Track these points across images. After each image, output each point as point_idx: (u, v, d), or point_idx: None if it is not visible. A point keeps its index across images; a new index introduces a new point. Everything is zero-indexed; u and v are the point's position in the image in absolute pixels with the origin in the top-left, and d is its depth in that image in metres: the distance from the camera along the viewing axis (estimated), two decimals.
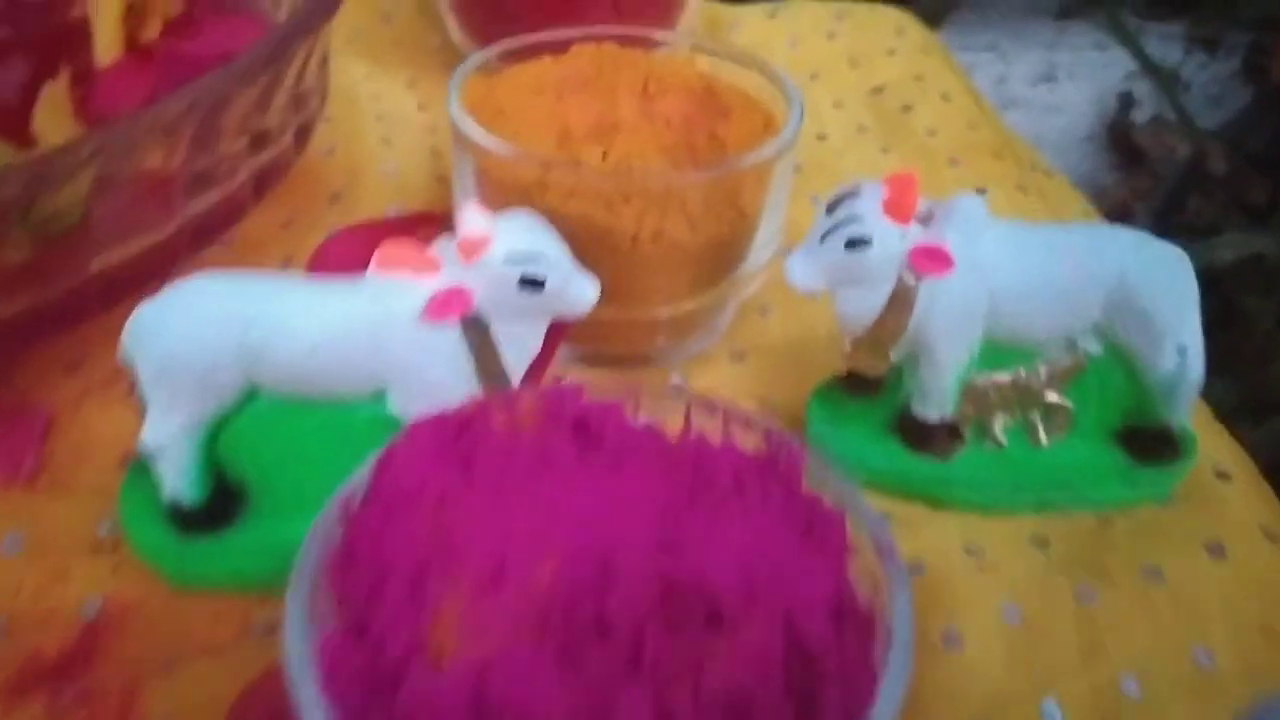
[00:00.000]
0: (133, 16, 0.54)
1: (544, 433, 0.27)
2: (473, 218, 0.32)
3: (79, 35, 0.51)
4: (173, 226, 0.42)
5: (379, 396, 0.34)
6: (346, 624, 0.24)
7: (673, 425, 0.29)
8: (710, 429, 0.29)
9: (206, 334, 0.32)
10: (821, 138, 0.61)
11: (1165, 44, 0.92)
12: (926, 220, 0.38)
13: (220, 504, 0.34)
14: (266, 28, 0.56)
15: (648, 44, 0.48)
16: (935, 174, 0.57)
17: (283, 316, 0.32)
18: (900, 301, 0.37)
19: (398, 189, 0.53)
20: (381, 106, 0.59)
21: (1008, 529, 0.39)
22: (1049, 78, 0.91)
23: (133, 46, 0.53)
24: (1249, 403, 0.77)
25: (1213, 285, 0.87)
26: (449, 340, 0.33)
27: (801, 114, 0.43)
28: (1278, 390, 0.77)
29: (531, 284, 0.33)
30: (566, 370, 0.44)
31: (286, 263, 0.48)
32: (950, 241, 0.37)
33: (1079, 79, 0.90)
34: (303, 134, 0.49)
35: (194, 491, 0.34)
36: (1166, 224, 0.87)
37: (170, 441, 0.33)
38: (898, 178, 0.37)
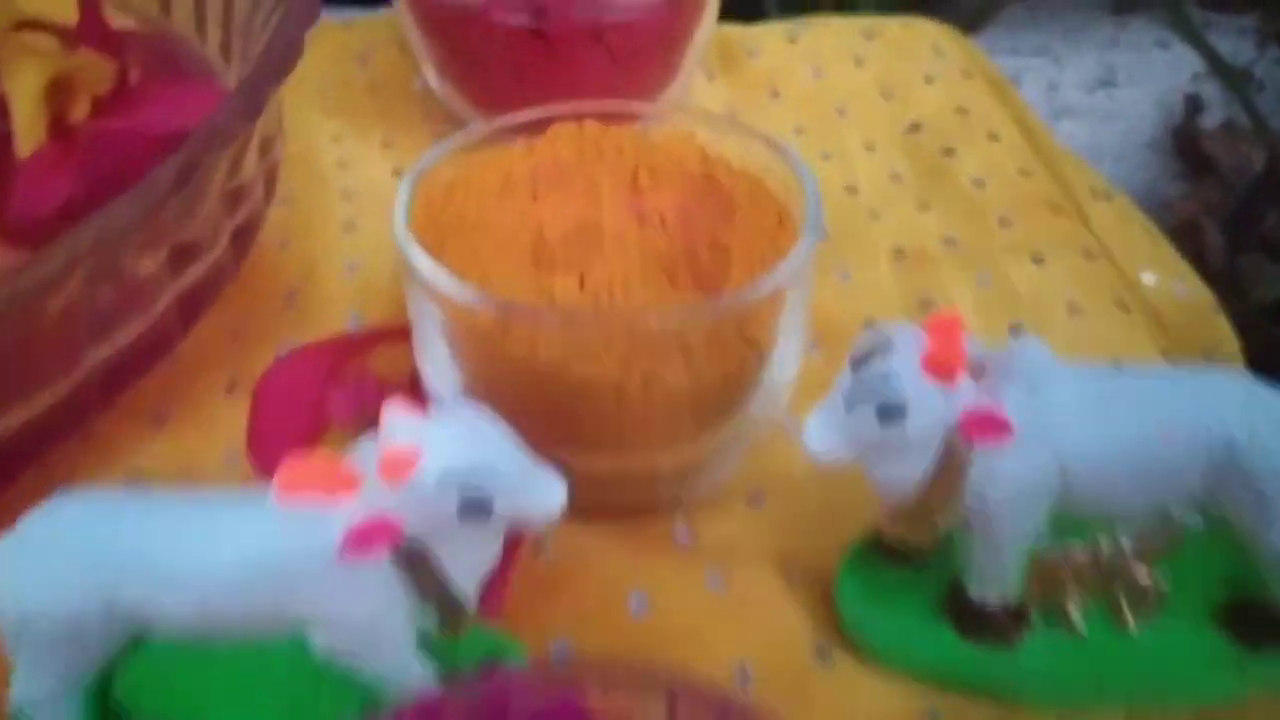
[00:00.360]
0: (57, 94, 0.48)
1: None
2: (397, 426, 0.26)
3: None
4: (76, 377, 0.35)
5: (297, 634, 0.27)
6: None
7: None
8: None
9: (69, 584, 0.26)
10: (851, 190, 0.53)
11: (1236, 40, 0.83)
12: (979, 373, 0.30)
13: None
14: (214, 93, 0.50)
15: (631, 118, 0.41)
16: (984, 237, 0.50)
17: (166, 563, 0.26)
18: (950, 474, 0.30)
19: (360, 289, 0.46)
20: (349, 179, 0.52)
21: None
22: (1106, 81, 0.83)
23: (58, 129, 0.47)
24: None
25: None
26: (376, 574, 0.26)
27: (818, 210, 0.36)
28: None
29: (475, 509, 0.26)
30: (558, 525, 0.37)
31: (231, 388, 0.42)
32: (1009, 402, 0.30)
33: (1139, 81, 0.81)
34: (243, 237, 0.42)
35: None
36: (1240, 240, 0.79)
37: (46, 700, 0.27)
38: (940, 323, 0.30)
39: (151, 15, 0.53)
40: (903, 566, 0.34)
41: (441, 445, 0.26)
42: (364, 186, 0.52)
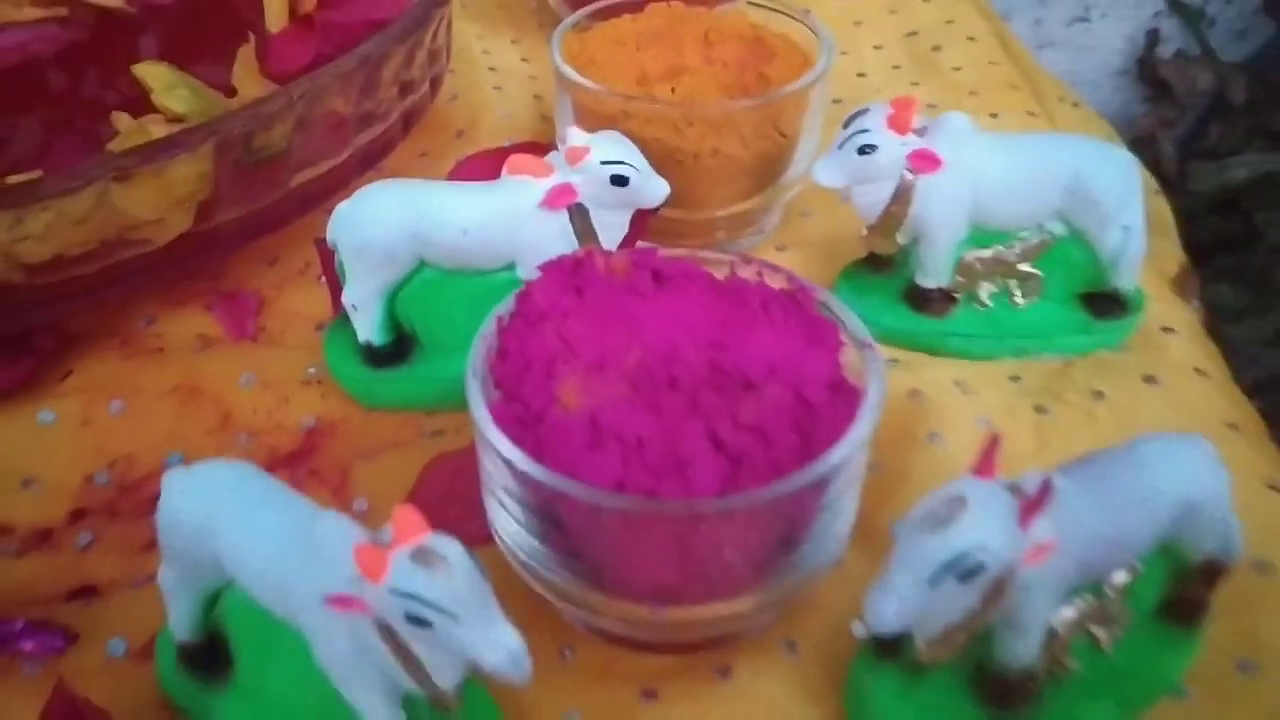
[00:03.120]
0: None
1: (631, 274, 0.39)
2: (575, 134, 0.45)
3: (255, 10, 0.64)
4: (346, 154, 0.54)
5: (510, 267, 0.46)
6: (504, 394, 0.37)
7: (721, 273, 0.41)
8: (748, 274, 0.41)
9: (388, 222, 0.45)
10: (861, 75, 0.72)
11: None
12: (922, 132, 0.49)
13: (399, 346, 0.47)
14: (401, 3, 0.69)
15: (709, 2, 0.60)
16: (957, 104, 0.68)
17: (442, 209, 0.45)
18: (902, 195, 0.49)
19: (509, 127, 0.65)
20: (492, 60, 0.72)
21: (989, 370, 0.50)
22: (1083, 18, 1.00)
23: (295, 17, 0.66)
24: (1256, 305, 0.86)
25: (1230, 204, 0.97)
26: (560, 223, 0.45)
27: (831, 54, 0.54)
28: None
29: (619, 181, 0.45)
30: None
31: None
32: (941, 148, 0.48)
33: (1111, 18, 0.98)
34: (435, 83, 0.62)
35: (381, 336, 0.47)
36: (1190, 151, 0.96)
37: (364, 300, 0.46)
38: (899, 100, 0.48)
39: None
40: (877, 274, 0.53)
41: (601, 146, 0.45)
42: (504, 65, 0.71)
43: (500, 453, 0.34)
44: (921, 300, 0.51)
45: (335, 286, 0.48)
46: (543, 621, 0.39)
